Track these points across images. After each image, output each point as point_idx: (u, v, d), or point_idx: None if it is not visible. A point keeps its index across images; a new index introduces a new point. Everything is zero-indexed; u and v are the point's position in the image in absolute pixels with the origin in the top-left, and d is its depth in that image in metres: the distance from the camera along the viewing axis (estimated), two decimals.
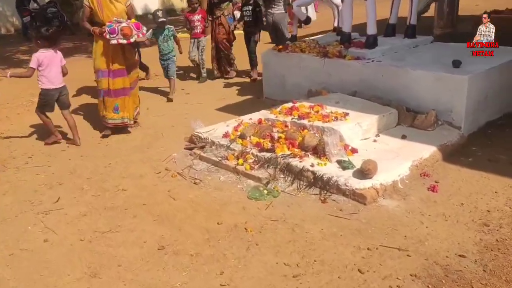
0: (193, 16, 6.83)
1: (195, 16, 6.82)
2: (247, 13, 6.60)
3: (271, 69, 5.79)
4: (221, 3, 6.82)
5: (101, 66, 4.71)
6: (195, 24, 6.81)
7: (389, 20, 5.48)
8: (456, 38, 6.49)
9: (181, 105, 5.96)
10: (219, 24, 6.85)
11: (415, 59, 4.63)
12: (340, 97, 4.54)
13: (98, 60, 4.73)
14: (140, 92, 5.33)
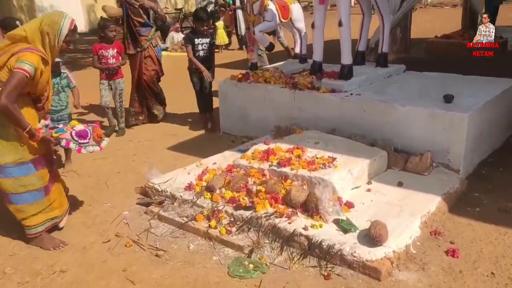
0: (106, 50, 5.10)
1: (109, 51, 5.10)
2: (204, 46, 5.18)
3: (229, 101, 5.12)
4: (145, 30, 5.41)
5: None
6: (108, 62, 5.13)
7: (357, 47, 5.05)
8: (410, 63, 6.29)
9: (126, 143, 5.11)
10: (146, 57, 5.47)
11: (398, 92, 4.19)
12: (318, 136, 3.97)
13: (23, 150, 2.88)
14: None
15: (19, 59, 2.68)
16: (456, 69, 5.42)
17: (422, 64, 6.98)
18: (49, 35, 2.81)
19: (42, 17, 2.91)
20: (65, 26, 2.86)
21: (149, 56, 5.50)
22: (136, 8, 5.28)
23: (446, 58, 7.43)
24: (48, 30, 2.80)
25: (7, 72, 2.72)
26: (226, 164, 3.83)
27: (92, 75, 5.85)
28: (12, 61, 2.70)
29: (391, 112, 3.81)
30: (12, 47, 2.78)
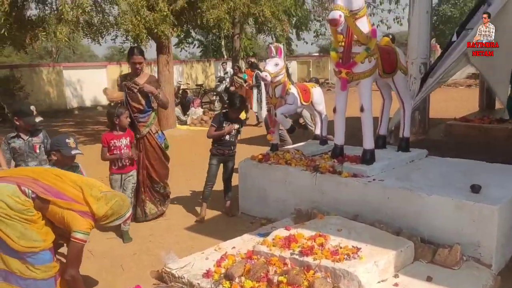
0: (119, 139, 4.58)
1: (122, 140, 4.59)
2: (233, 132, 5.03)
3: (249, 181, 5.09)
4: (144, 116, 4.85)
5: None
6: (122, 152, 4.57)
7: (378, 131, 5.07)
8: (429, 145, 6.26)
9: (140, 223, 5.02)
10: (146, 145, 4.89)
11: (422, 178, 4.11)
12: (341, 222, 3.86)
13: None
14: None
15: (75, 227, 2.85)
16: (477, 153, 5.38)
17: (442, 147, 6.96)
18: (108, 216, 3.02)
19: (115, 199, 3.06)
20: (122, 219, 3.10)
21: (149, 145, 4.90)
22: (135, 93, 4.77)
23: (466, 141, 7.41)
24: (110, 213, 3.01)
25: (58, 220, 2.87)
26: (246, 249, 3.71)
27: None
28: (67, 217, 2.85)
29: (416, 200, 3.71)
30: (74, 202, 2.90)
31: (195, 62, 23.39)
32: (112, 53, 39.63)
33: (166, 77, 11.15)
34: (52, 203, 2.82)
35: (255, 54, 28.76)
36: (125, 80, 4.87)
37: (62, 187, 2.89)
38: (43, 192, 2.79)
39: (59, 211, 2.83)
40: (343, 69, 4.23)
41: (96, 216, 2.94)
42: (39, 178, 2.86)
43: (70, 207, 2.85)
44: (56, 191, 2.85)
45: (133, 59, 4.81)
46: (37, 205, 2.78)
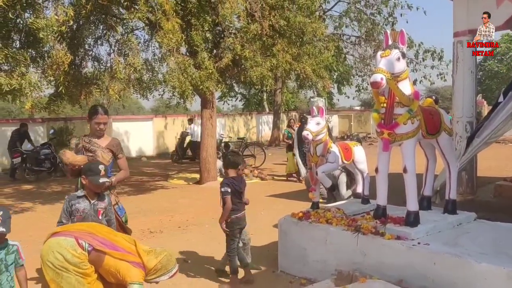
0: None
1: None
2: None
3: (289, 239, 5.04)
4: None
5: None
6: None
7: (423, 192, 4.95)
8: (478, 206, 6.02)
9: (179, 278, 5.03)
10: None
11: (470, 244, 3.94)
12: (384, 287, 3.72)
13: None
14: None
15: (131, 278, 2.95)
16: None
17: (492, 208, 6.68)
18: (157, 270, 3.11)
19: (164, 253, 3.18)
20: (169, 274, 3.18)
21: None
22: (96, 156, 4.15)
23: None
24: (159, 267, 3.11)
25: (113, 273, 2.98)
26: None
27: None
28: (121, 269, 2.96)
29: (465, 268, 3.54)
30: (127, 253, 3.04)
31: (237, 115, 23.97)
32: (158, 105, 41.30)
33: (209, 130, 11.47)
34: (108, 254, 2.93)
35: (296, 108, 29.19)
36: (85, 142, 4.27)
37: (116, 240, 3.02)
38: (99, 245, 2.91)
39: (113, 264, 2.92)
40: (385, 130, 4.23)
41: (147, 268, 3.01)
42: (95, 232, 2.99)
43: (124, 258, 2.96)
44: (111, 244, 2.97)
45: (97, 118, 4.27)
46: (92, 258, 2.88)
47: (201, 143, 11.70)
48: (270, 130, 23.73)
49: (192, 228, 7.14)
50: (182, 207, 8.94)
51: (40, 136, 15.69)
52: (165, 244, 5.58)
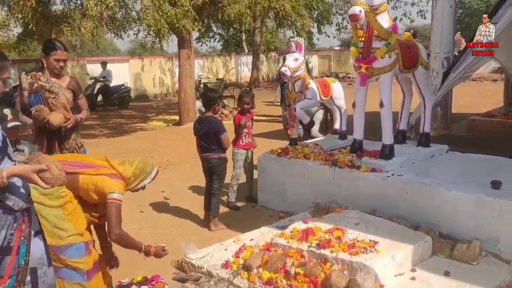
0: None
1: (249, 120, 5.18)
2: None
3: (268, 175, 5.15)
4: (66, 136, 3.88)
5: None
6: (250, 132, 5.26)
7: (398, 126, 5.05)
8: (451, 141, 6.19)
9: (161, 214, 5.14)
10: None
11: (442, 174, 4.10)
12: (359, 216, 3.88)
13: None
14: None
15: (109, 188, 2.88)
16: (500, 149, 5.31)
17: (464, 142, 6.88)
18: (136, 176, 3.07)
19: (137, 161, 3.14)
20: (150, 176, 3.12)
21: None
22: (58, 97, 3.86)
23: (489, 137, 7.30)
24: (137, 172, 3.07)
25: (92, 190, 2.91)
26: (264, 241, 3.78)
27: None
28: (98, 182, 2.89)
29: (435, 196, 3.71)
30: (106, 167, 2.99)
31: (215, 56, 23.50)
32: (134, 47, 40.09)
33: (187, 71, 11.27)
34: (82, 173, 2.88)
35: (276, 48, 28.72)
36: (40, 81, 3.78)
37: (87, 160, 2.98)
38: (71, 168, 2.81)
39: (90, 181, 2.88)
40: (363, 64, 4.23)
41: (125, 177, 3.00)
42: (64, 159, 2.92)
43: (100, 172, 2.91)
44: (82, 164, 2.91)
45: (56, 54, 3.76)
46: (68, 184, 2.78)
47: (179, 84, 11.54)
48: (250, 71, 23.44)
49: (173, 168, 7.21)
50: (162, 148, 8.96)
51: (12, 78, 15.13)
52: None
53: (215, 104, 4.66)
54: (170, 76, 19.87)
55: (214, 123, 4.64)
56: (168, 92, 19.75)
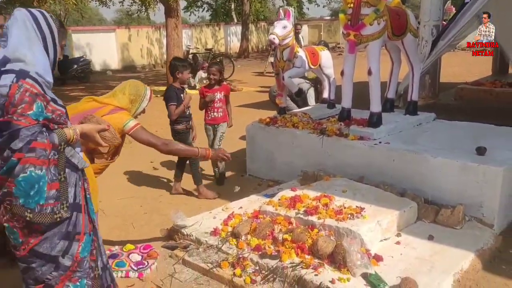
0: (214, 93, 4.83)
1: (217, 94, 4.83)
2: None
3: (256, 144, 5.16)
4: None
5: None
6: (214, 105, 4.84)
7: (386, 94, 5.05)
8: (439, 109, 6.23)
9: (153, 184, 5.15)
10: None
11: (428, 141, 4.13)
12: (346, 183, 3.92)
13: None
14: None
15: (121, 122, 2.82)
16: (487, 117, 5.36)
17: (452, 110, 6.91)
18: (133, 102, 3.00)
19: (126, 85, 3.02)
20: (146, 98, 3.05)
21: None
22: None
23: (477, 105, 7.36)
24: (133, 98, 2.99)
25: None
26: (252, 209, 3.82)
27: None
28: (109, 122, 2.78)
29: (421, 162, 3.75)
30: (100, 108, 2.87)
31: (204, 26, 23.13)
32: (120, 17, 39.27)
33: (175, 40, 11.10)
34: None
35: (265, 18, 28.31)
36: None
37: (79, 110, 2.79)
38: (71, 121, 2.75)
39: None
40: (351, 31, 4.19)
41: (124, 107, 2.92)
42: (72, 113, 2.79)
43: (101, 113, 2.79)
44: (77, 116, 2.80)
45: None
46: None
47: (167, 54, 11.38)
48: (239, 42, 23.15)
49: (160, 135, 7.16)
50: (151, 118, 8.85)
51: None
52: (133, 151, 5.64)
53: (176, 72, 4.50)
54: (158, 47, 19.58)
55: (166, 93, 4.57)
56: (156, 63, 19.49)
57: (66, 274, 2.02)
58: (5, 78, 1.87)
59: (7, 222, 1.92)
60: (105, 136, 2.30)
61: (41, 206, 1.90)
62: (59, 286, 2.01)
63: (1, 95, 1.85)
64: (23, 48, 1.93)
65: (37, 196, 1.89)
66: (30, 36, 1.95)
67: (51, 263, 1.99)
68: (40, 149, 1.87)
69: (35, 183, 1.87)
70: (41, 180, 1.88)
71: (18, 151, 1.83)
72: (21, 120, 1.83)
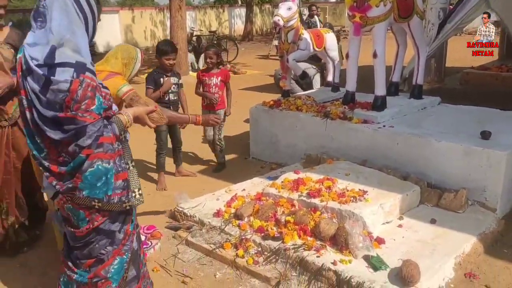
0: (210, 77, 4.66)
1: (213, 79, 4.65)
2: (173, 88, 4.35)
3: (260, 127, 5.15)
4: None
5: None
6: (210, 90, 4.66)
7: (391, 78, 5.01)
8: (444, 93, 6.18)
9: (154, 166, 5.16)
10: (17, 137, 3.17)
11: (433, 125, 4.11)
12: (349, 167, 3.92)
13: None
14: None
15: (115, 89, 2.85)
16: (493, 102, 5.31)
17: (457, 95, 6.87)
18: (127, 65, 3.02)
19: (117, 49, 3.03)
20: (138, 59, 3.06)
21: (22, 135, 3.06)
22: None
23: (482, 90, 7.30)
24: (126, 61, 3.01)
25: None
26: (255, 191, 3.83)
27: None
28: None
29: (425, 146, 3.74)
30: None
31: (208, 8, 22.91)
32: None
33: (178, 22, 11.00)
34: None
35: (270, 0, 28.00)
36: None
37: None
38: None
39: None
40: (357, 13, 4.14)
41: (118, 72, 2.96)
42: None
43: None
44: None
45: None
46: None
47: (170, 37, 11.28)
48: (243, 24, 22.94)
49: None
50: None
51: None
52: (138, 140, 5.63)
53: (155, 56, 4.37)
54: (162, 29, 19.44)
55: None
56: None
57: (118, 247, 2.07)
58: (63, 72, 1.80)
59: (72, 204, 1.94)
60: (153, 117, 2.33)
61: (109, 197, 1.95)
62: (109, 260, 2.05)
63: (60, 91, 1.79)
64: (68, 33, 1.82)
65: (105, 187, 1.93)
66: (73, 20, 1.84)
67: (109, 238, 2.04)
68: (107, 144, 1.91)
69: (102, 175, 1.91)
70: (108, 173, 1.92)
71: (86, 148, 1.86)
72: (86, 117, 1.83)
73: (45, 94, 1.80)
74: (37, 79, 1.81)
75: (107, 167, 1.91)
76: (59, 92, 1.79)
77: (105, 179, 1.92)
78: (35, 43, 1.84)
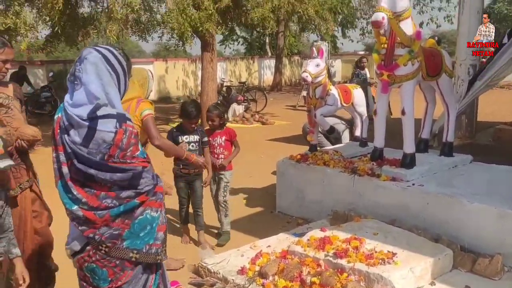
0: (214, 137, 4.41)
1: (217, 138, 4.41)
2: (192, 146, 4.11)
3: (287, 181, 5.13)
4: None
5: None
6: (214, 151, 4.40)
7: (420, 135, 4.96)
8: (476, 150, 6.04)
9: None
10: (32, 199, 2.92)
11: (464, 185, 4.00)
12: (377, 226, 3.82)
13: None
14: None
15: (140, 111, 3.29)
16: None
17: (489, 151, 6.72)
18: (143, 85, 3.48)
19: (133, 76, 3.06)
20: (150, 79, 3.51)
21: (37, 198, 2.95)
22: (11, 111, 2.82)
23: None
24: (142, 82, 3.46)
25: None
26: (281, 248, 3.76)
27: None
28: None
29: (457, 207, 3.62)
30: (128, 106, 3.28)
31: (239, 60, 23.58)
32: (159, 49, 40.62)
33: (209, 74, 11.33)
34: None
35: (299, 52, 28.68)
36: None
37: None
38: None
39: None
40: (385, 71, 4.17)
41: (139, 96, 3.33)
42: None
43: (135, 110, 3.27)
44: None
45: (3, 53, 2.72)
46: None
47: (201, 87, 11.61)
48: (272, 75, 23.44)
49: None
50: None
51: (40, 79, 15.53)
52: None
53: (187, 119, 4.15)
54: (193, 79, 20.04)
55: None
56: (191, 95, 19.88)
57: None
58: (106, 123, 1.85)
59: (95, 263, 1.93)
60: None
61: (150, 246, 1.94)
62: None
63: (105, 141, 1.84)
64: (104, 93, 1.91)
65: (147, 237, 1.93)
66: (107, 81, 1.93)
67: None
68: (159, 193, 1.98)
69: (148, 224, 1.92)
70: (154, 222, 1.94)
71: (143, 194, 1.90)
72: (134, 162, 1.89)
73: (87, 146, 1.86)
74: (79, 132, 1.87)
75: (154, 216, 1.93)
76: (103, 142, 1.85)
77: (150, 229, 1.92)
78: (77, 104, 1.91)
